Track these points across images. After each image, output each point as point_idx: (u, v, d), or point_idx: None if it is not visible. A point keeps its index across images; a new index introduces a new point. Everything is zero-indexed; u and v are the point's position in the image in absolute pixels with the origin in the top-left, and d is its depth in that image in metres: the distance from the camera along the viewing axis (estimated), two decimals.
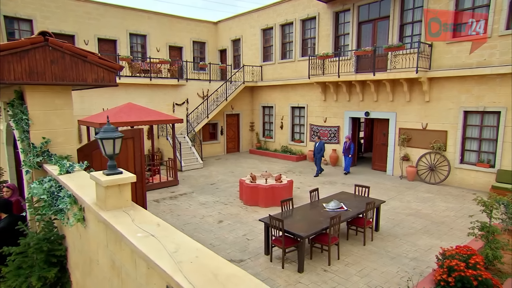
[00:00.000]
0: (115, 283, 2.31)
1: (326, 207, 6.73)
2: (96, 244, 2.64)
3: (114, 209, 2.36)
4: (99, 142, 2.37)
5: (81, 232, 3.02)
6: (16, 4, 13.44)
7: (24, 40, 3.68)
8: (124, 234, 1.94)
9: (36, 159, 3.95)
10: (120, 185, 2.37)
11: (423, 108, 11.37)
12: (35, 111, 3.99)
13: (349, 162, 12.78)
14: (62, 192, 3.23)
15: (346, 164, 12.79)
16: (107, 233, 2.36)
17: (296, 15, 15.63)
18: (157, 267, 1.58)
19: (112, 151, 2.41)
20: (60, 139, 4.21)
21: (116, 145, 2.42)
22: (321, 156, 12.37)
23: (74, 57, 4.04)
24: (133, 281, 2.02)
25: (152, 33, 17.71)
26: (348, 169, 12.80)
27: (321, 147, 12.21)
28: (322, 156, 12.39)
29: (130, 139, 5.31)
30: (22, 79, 3.70)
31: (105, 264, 2.49)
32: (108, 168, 2.44)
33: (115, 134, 2.40)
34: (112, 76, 4.37)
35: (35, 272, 3.39)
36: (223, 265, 1.57)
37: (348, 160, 12.73)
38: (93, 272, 2.80)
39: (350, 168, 12.94)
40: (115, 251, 2.24)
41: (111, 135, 2.37)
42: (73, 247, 3.37)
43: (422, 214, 8.14)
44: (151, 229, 2.02)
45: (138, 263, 1.92)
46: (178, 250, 1.71)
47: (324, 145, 12.37)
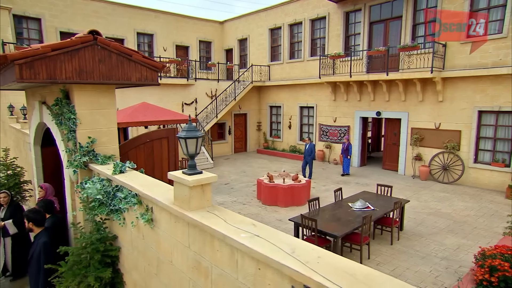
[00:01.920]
0: (201, 283, 2.29)
1: (352, 207, 6.74)
2: (170, 245, 2.62)
3: (198, 209, 2.34)
4: (183, 141, 2.35)
5: (145, 233, 3.00)
6: (24, 2, 13.31)
7: (75, 39, 3.65)
8: (227, 234, 1.93)
9: (83, 158, 3.91)
10: (203, 185, 2.36)
11: (436, 108, 11.44)
12: (82, 110, 3.95)
13: (348, 164, 12.45)
14: (122, 192, 3.20)
15: (346, 165, 12.44)
16: (190, 234, 2.34)
17: (305, 15, 15.64)
18: (285, 268, 1.57)
19: (195, 150, 2.39)
20: (104, 139, 4.18)
21: (198, 144, 2.40)
22: (312, 159, 11.52)
23: (120, 56, 4.00)
24: (231, 282, 2.01)
25: (159, 32, 17.64)
26: (348, 171, 12.48)
27: (312, 149, 11.45)
28: (313, 158, 11.56)
29: (165, 138, 5.28)
30: (72, 78, 3.66)
31: (183, 264, 2.47)
32: (188, 168, 2.42)
33: (199, 134, 2.39)
34: (155, 75, 4.34)
35: (90, 272, 3.36)
36: (351, 265, 1.56)
37: (347, 161, 12.40)
38: (162, 272, 2.78)
39: (349, 169, 12.55)
40: (203, 251, 2.22)
41: (195, 135, 2.35)
42: (130, 247, 3.35)
43: (443, 213, 8.20)
44: (250, 229, 2.00)
45: (241, 264, 1.91)
46: (295, 251, 1.70)
47: (314, 147, 11.68)
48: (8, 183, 7.15)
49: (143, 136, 5.14)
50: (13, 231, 5.18)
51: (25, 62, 3.34)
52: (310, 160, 11.50)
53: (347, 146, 12.35)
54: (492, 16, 9.94)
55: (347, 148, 12.34)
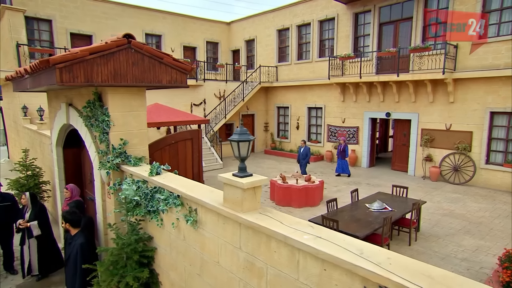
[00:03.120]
0: (253, 283, 2.34)
1: (370, 208, 6.78)
2: (217, 246, 2.66)
3: (250, 211, 2.39)
4: (235, 144, 2.40)
5: (186, 234, 3.05)
6: (36, 4, 13.39)
7: (110, 43, 3.70)
8: (289, 235, 1.97)
9: (116, 160, 3.97)
10: (255, 188, 2.41)
11: (447, 109, 11.47)
12: (115, 112, 4.01)
13: (345, 165, 12.14)
14: (161, 194, 3.25)
15: (344, 167, 12.17)
16: (242, 235, 2.39)
17: (313, 16, 15.69)
18: (359, 269, 1.61)
19: (246, 153, 2.44)
20: (135, 140, 4.23)
21: (249, 147, 2.45)
22: (307, 162, 11.20)
23: (152, 59, 4.06)
24: (290, 282, 2.05)
25: (167, 33, 17.72)
26: (348, 172, 12.25)
27: (307, 152, 11.13)
28: (307, 162, 11.24)
29: (189, 140, 5.34)
30: (108, 81, 3.72)
31: (233, 265, 2.52)
32: (239, 170, 2.47)
33: (251, 137, 2.44)
34: (184, 78, 4.39)
35: (128, 272, 3.41)
36: (422, 266, 1.61)
37: (344, 163, 12.06)
38: (207, 273, 2.83)
39: (349, 169, 12.31)
40: (257, 252, 2.27)
41: (248, 138, 2.41)
42: (167, 248, 3.40)
43: (457, 214, 8.23)
44: (309, 230, 2.05)
45: (303, 264, 1.95)
46: (363, 252, 1.75)
47: (309, 150, 11.37)
48: (28, 183, 7.24)
49: (168, 138, 5.20)
50: (36, 233, 5.23)
51: (64, 66, 3.40)
52: (304, 164, 11.18)
53: (343, 147, 12.03)
54: (505, 17, 9.97)
55: (343, 150, 12.02)
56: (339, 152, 12.22)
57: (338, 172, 12.43)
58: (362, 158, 14.26)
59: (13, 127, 13.54)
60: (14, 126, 13.09)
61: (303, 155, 11.19)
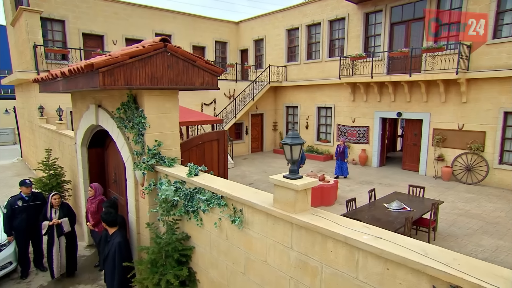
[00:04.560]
0: (306, 282, 2.42)
1: (389, 207, 6.84)
2: (264, 245, 2.75)
3: (302, 212, 2.48)
4: (287, 147, 2.49)
5: (229, 233, 3.14)
6: (50, 5, 13.51)
7: (148, 47, 3.79)
8: (349, 236, 2.05)
9: (151, 161, 4.06)
10: (307, 189, 2.49)
11: (459, 109, 11.48)
12: (150, 114, 4.10)
13: (344, 167, 11.55)
14: (203, 194, 3.34)
15: (343, 169, 11.69)
16: (294, 235, 2.47)
17: (323, 16, 15.71)
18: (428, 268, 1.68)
19: (298, 156, 2.53)
20: (168, 142, 4.32)
21: (301, 150, 2.53)
22: (301, 165, 10.40)
23: (186, 61, 4.14)
24: (347, 281, 2.13)
25: (177, 33, 17.80)
26: (346, 174, 11.84)
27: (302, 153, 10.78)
28: (302, 164, 10.47)
29: (215, 141, 5.42)
30: (145, 84, 3.80)
31: (282, 264, 2.60)
32: (289, 173, 2.55)
33: (302, 140, 2.52)
34: (215, 80, 4.48)
35: (168, 270, 3.51)
36: (490, 266, 1.68)
37: (343, 164, 11.41)
38: (253, 271, 2.91)
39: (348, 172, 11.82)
40: (311, 252, 2.35)
41: (300, 141, 2.49)
42: (206, 247, 3.49)
43: (473, 214, 8.27)
44: (366, 231, 2.13)
45: (363, 264, 2.03)
46: (427, 252, 1.82)
47: (304, 153, 10.50)
48: (51, 182, 7.37)
49: (195, 139, 5.29)
50: (67, 229, 5.36)
51: (107, 70, 3.49)
52: (298, 166, 10.54)
53: (343, 149, 11.42)
54: None
55: (343, 151, 11.40)
56: (338, 153, 11.67)
57: (337, 174, 11.97)
58: (373, 157, 14.31)
59: (28, 126, 13.70)
60: (29, 126, 13.25)
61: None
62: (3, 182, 12.07)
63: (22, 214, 5.30)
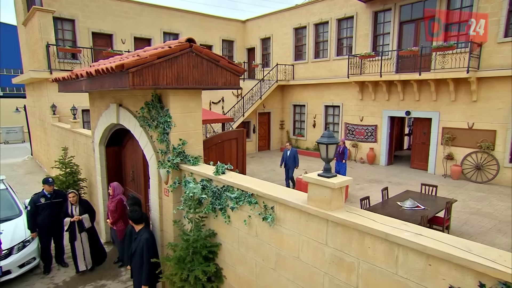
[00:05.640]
0: (341, 277, 2.49)
1: (402, 206, 6.89)
2: (297, 242, 2.81)
3: (338, 209, 2.54)
4: (323, 147, 2.55)
5: (259, 231, 3.20)
6: (60, 4, 13.61)
7: (175, 47, 3.85)
8: (389, 232, 2.11)
9: (176, 159, 4.13)
10: (341, 187, 2.55)
11: (469, 108, 11.48)
12: (175, 114, 4.17)
13: (343, 168, 10.60)
14: (231, 192, 3.41)
15: (341, 170, 10.62)
16: (329, 232, 2.53)
17: (331, 15, 15.72)
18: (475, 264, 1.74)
19: (333, 155, 2.59)
20: (192, 140, 4.39)
21: (336, 149, 2.59)
22: (295, 167, 9.92)
23: (210, 62, 4.20)
24: (386, 276, 2.20)
25: (185, 32, 17.86)
26: (344, 174, 10.72)
27: (294, 154, 9.85)
28: (296, 166, 9.97)
29: (234, 139, 5.49)
30: (172, 83, 3.87)
31: (316, 260, 2.66)
32: (324, 171, 2.61)
33: (337, 140, 2.58)
34: (237, 80, 4.54)
35: (196, 266, 3.59)
36: None
37: (342, 166, 10.58)
38: (284, 267, 2.98)
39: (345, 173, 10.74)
40: (347, 248, 2.41)
41: (335, 141, 2.55)
42: (234, 244, 3.56)
43: (485, 213, 8.30)
44: (404, 227, 2.19)
45: (403, 259, 2.10)
46: (471, 249, 1.88)
47: (297, 153, 10.09)
48: (67, 180, 7.47)
49: (215, 137, 5.36)
50: (88, 225, 5.47)
51: (136, 70, 3.56)
52: (292, 167, 9.99)
53: (342, 149, 10.64)
54: None
55: (342, 152, 10.62)
56: (338, 154, 10.74)
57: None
58: (381, 156, 14.33)
59: (39, 125, 13.84)
60: (41, 124, 13.38)
61: (291, 159, 9.92)
62: (16, 180, 12.22)
63: (45, 211, 5.40)
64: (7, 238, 5.12)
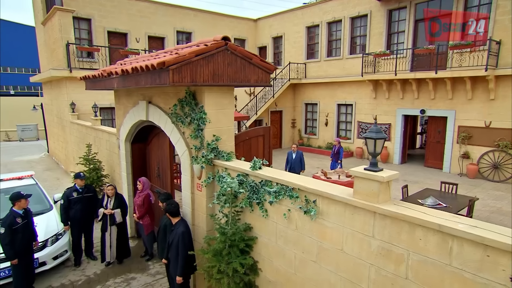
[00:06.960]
0: (389, 268, 2.55)
1: (424, 203, 6.90)
2: (341, 234, 2.88)
3: (385, 202, 2.60)
4: (371, 141, 2.61)
5: (299, 224, 3.28)
6: (77, 4, 13.82)
7: (211, 45, 3.94)
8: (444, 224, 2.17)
9: (210, 155, 4.23)
10: (389, 181, 2.62)
11: (486, 106, 11.39)
12: (210, 110, 4.26)
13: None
14: (270, 186, 3.49)
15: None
16: (376, 224, 2.60)
17: (345, 13, 15.69)
18: None
19: (380, 149, 2.65)
20: (224, 137, 4.48)
21: (383, 144, 2.66)
22: (301, 170, 9.48)
23: (243, 59, 4.28)
24: (439, 267, 2.25)
25: (197, 30, 17.99)
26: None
27: (300, 157, 9.53)
28: (302, 170, 9.53)
29: (261, 136, 5.58)
30: (208, 81, 3.96)
31: (362, 252, 2.73)
32: (370, 165, 2.68)
33: (385, 135, 2.64)
34: (268, 77, 4.62)
35: (233, 259, 3.68)
36: None
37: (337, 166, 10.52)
38: (326, 259, 3.05)
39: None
40: (397, 240, 2.48)
41: (383, 136, 2.61)
42: (271, 237, 3.64)
43: (505, 211, 8.26)
44: (456, 219, 2.25)
45: (458, 251, 2.15)
46: None
47: (303, 155, 9.72)
48: (91, 176, 7.63)
49: (242, 134, 5.45)
50: (119, 220, 5.60)
51: (176, 67, 3.65)
52: (299, 172, 9.43)
53: (337, 149, 10.57)
54: None
55: (337, 152, 10.53)
56: (333, 154, 10.78)
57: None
58: (394, 155, 14.30)
59: (57, 122, 14.09)
60: (59, 122, 13.62)
61: (297, 161, 9.48)
62: (36, 176, 12.42)
63: (77, 205, 5.55)
64: (41, 231, 5.28)
